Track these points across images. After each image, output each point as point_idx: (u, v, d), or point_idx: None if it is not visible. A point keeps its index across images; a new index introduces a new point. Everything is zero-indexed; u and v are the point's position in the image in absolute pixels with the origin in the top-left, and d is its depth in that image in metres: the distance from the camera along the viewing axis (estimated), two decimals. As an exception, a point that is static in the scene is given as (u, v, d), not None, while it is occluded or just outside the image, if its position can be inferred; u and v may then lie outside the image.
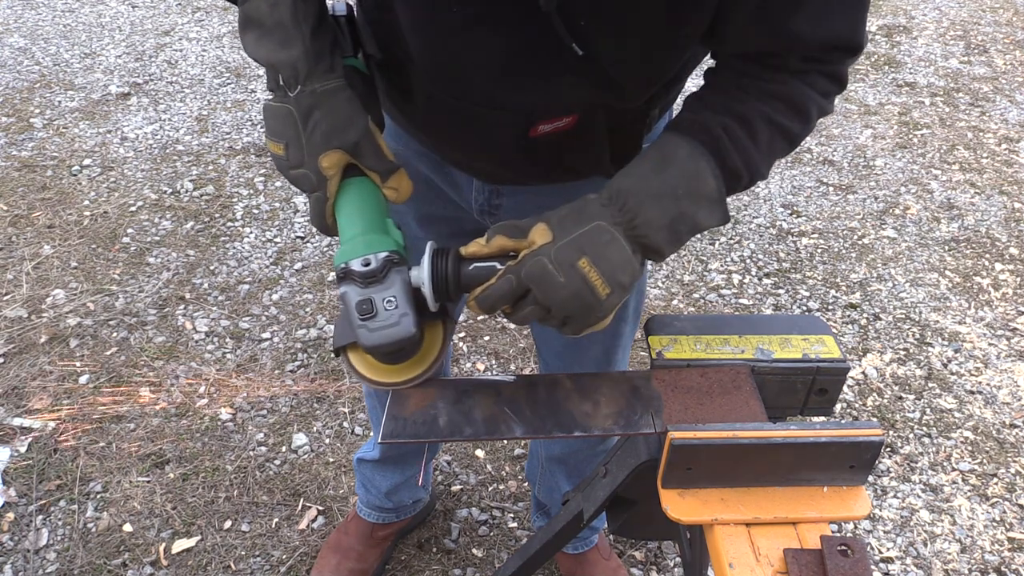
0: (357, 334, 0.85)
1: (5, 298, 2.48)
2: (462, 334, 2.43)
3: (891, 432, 2.16)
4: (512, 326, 2.45)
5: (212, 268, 2.64)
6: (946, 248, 2.86)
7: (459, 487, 2.01)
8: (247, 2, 0.87)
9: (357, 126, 0.88)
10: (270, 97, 0.90)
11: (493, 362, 2.34)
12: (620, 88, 0.92)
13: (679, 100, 1.05)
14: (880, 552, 1.88)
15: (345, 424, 2.13)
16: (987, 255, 2.83)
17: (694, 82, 0.91)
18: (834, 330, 2.50)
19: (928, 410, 2.23)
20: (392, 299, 0.85)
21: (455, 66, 0.91)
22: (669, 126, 0.90)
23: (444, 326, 0.94)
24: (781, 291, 2.65)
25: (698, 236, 2.89)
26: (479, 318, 2.49)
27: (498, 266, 0.86)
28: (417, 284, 0.87)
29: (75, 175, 3.09)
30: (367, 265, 0.86)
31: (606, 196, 0.85)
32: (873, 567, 1.78)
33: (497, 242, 0.86)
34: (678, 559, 1.85)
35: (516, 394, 0.93)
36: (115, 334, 2.37)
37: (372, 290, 0.85)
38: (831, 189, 3.17)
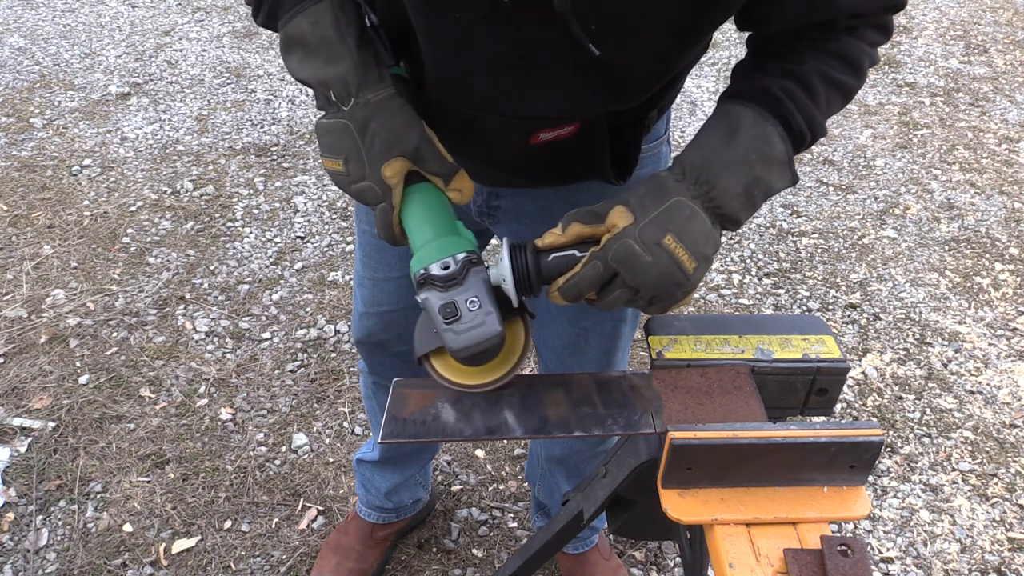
0: (444, 338, 0.84)
1: (5, 298, 2.48)
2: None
3: (891, 432, 2.16)
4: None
5: (212, 268, 2.64)
6: (946, 248, 2.86)
7: (459, 487, 2.01)
8: (288, 23, 0.86)
9: (415, 132, 0.87)
10: (321, 115, 0.89)
11: (493, 362, 2.34)
12: (624, 90, 0.92)
13: (675, 99, 1.05)
14: (880, 552, 1.88)
15: (345, 424, 2.13)
16: (987, 255, 2.83)
17: (692, 82, 0.91)
18: (834, 330, 2.50)
19: (928, 410, 2.23)
20: (475, 299, 0.84)
21: (459, 70, 0.91)
22: (727, 95, 0.90)
23: (524, 321, 0.93)
24: (781, 291, 2.65)
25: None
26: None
27: (577, 254, 0.86)
28: (497, 282, 0.87)
29: (75, 175, 3.09)
30: (446, 268, 0.85)
31: (679, 171, 0.86)
32: (873, 567, 1.78)
33: (574, 230, 0.86)
34: (678, 559, 1.85)
35: (516, 394, 0.93)
36: (115, 334, 2.37)
37: (454, 292, 0.85)
38: (831, 189, 3.17)
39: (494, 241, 1.41)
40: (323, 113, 0.89)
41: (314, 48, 0.85)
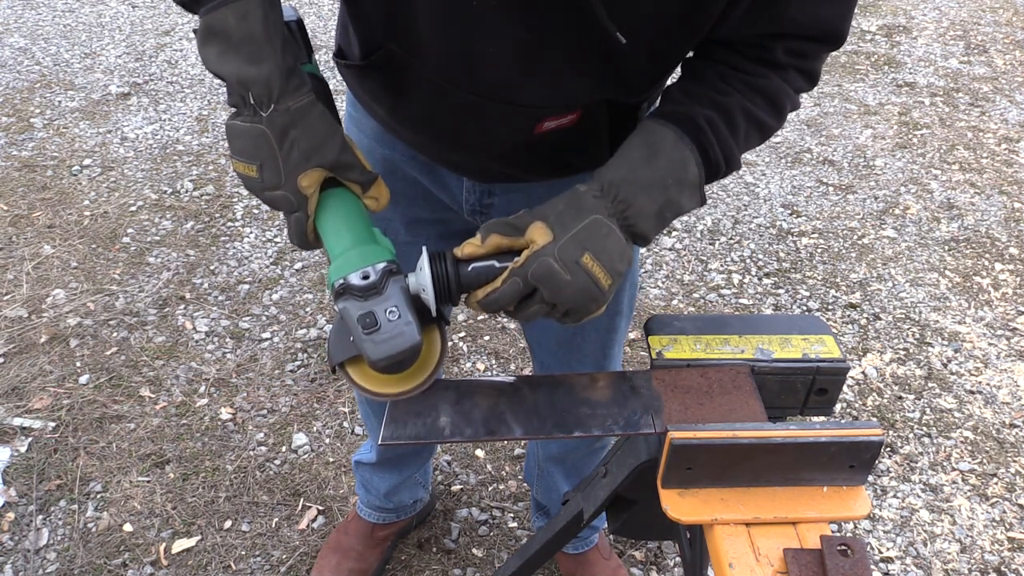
0: (363, 348, 0.83)
1: (5, 298, 2.48)
2: (461, 334, 2.43)
3: (891, 432, 2.16)
4: (512, 325, 2.45)
5: (212, 268, 2.64)
6: (946, 248, 2.86)
7: (459, 487, 2.01)
8: (210, 12, 0.81)
9: (335, 142, 0.86)
10: (233, 114, 0.85)
11: (493, 362, 2.34)
12: (630, 82, 0.92)
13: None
14: (880, 552, 1.88)
15: (345, 424, 2.13)
16: (987, 255, 2.83)
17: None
18: (834, 330, 2.50)
19: (928, 410, 2.23)
20: (394, 309, 0.84)
21: (471, 57, 0.89)
22: (655, 115, 0.91)
23: (440, 329, 0.93)
24: (781, 291, 2.65)
25: (698, 236, 2.89)
26: (480, 318, 2.49)
27: (496, 264, 0.86)
28: (416, 291, 0.87)
29: (75, 175, 3.09)
30: (366, 278, 0.84)
31: (597, 187, 0.87)
32: (873, 567, 1.78)
33: (493, 241, 0.86)
34: (678, 559, 1.85)
35: (516, 394, 0.93)
36: (115, 334, 2.37)
37: (372, 302, 0.84)
38: (831, 189, 3.17)
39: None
40: (233, 111, 0.85)
41: (236, 44, 0.81)
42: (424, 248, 0.88)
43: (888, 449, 2.12)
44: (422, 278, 0.86)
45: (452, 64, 0.91)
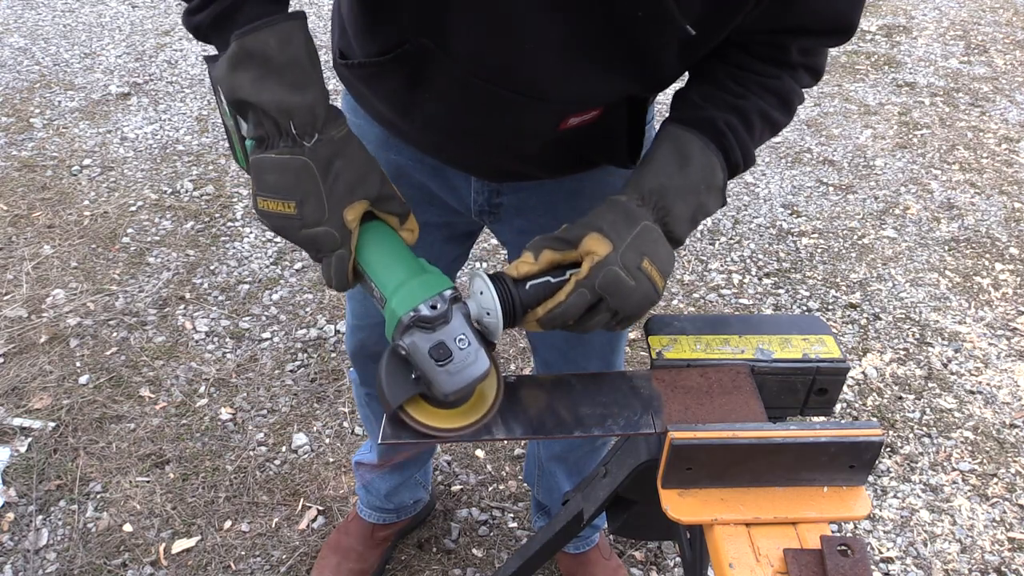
0: (436, 381, 0.79)
1: (5, 298, 2.48)
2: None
3: (891, 432, 2.16)
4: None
5: (212, 268, 2.64)
6: (946, 248, 2.86)
7: (459, 487, 2.01)
8: (247, 35, 0.76)
9: (377, 173, 0.84)
10: (260, 147, 0.79)
11: (493, 362, 2.34)
12: (658, 78, 0.94)
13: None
14: (880, 552, 1.88)
15: (345, 424, 2.13)
16: (987, 255, 2.83)
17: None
18: (834, 330, 2.50)
19: (928, 410, 2.23)
20: (463, 337, 0.80)
21: (508, 54, 0.87)
22: (676, 120, 0.93)
23: (492, 355, 0.90)
24: (781, 291, 2.65)
25: (698, 236, 2.89)
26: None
27: (552, 280, 0.86)
28: (478, 316, 0.85)
29: (75, 175, 3.09)
30: (435, 307, 0.80)
31: (636, 196, 0.88)
32: (873, 567, 1.78)
33: (546, 257, 0.86)
34: (678, 559, 1.85)
35: (516, 394, 0.93)
36: (115, 334, 2.37)
37: (440, 333, 0.80)
38: (831, 189, 3.17)
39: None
40: (257, 143, 0.80)
41: (278, 69, 0.76)
42: (480, 272, 0.86)
43: (888, 449, 2.12)
44: (485, 302, 0.84)
45: (486, 59, 0.89)
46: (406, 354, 0.81)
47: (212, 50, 0.85)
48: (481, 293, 0.85)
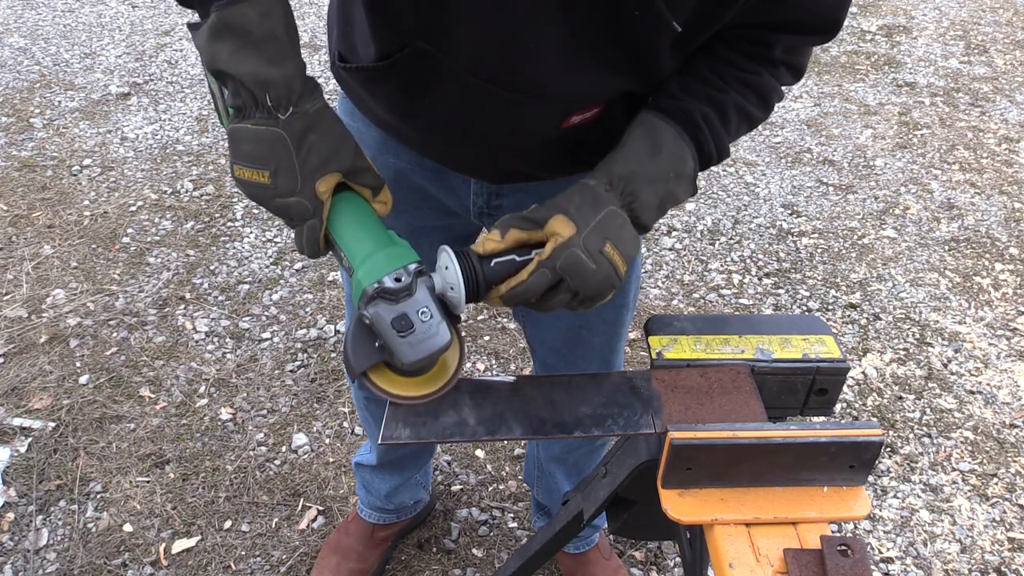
0: (398, 351, 0.83)
1: (5, 298, 2.48)
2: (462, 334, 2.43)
3: (891, 432, 2.16)
4: (512, 325, 2.45)
5: (212, 268, 2.64)
6: (946, 248, 2.86)
7: (459, 487, 2.01)
8: (227, 7, 0.78)
9: (350, 146, 0.86)
10: (238, 117, 0.82)
11: (493, 362, 2.34)
12: (654, 73, 0.94)
13: None
14: (880, 552, 1.88)
15: (345, 424, 2.13)
16: (987, 255, 2.83)
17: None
18: (834, 330, 2.50)
19: (928, 410, 2.23)
20: (425, 309, 0.84)
21: (511, 53, 0.88)
22: (653, 107, 0.94)
23: (456, 327, 0.93)
24: (781, 291, 2.65)
25: (698, 237, 2.89)
26: (479, 318, 2.49)
27: (516, 259, 0.88)
28: (442, 290, 0.87)
29: (75, 175, 3.09)
30: (399, 280, 0.83)
31: (605, 181, 0.90)
32: (873, 567, 1.78)
33: (512, 236, 0.88)
34: (678, 559, 1.85)
35: (516, 394, 0.93)
36: (115, 334, 2.37)
37: (404, 304, 0.83)
38: (831, 189, 3.17)
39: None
40: (236, 112, 0.82)
41: (256, 42, 0.78)
42: (446, 247, 0.88)
43: (888, 449, 2.12)
44: (449, 277, 0.86)
45: (488, 59, 0.89)
46: (370, 323, 0.84)
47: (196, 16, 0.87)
48: (446, 268, 0.87)
